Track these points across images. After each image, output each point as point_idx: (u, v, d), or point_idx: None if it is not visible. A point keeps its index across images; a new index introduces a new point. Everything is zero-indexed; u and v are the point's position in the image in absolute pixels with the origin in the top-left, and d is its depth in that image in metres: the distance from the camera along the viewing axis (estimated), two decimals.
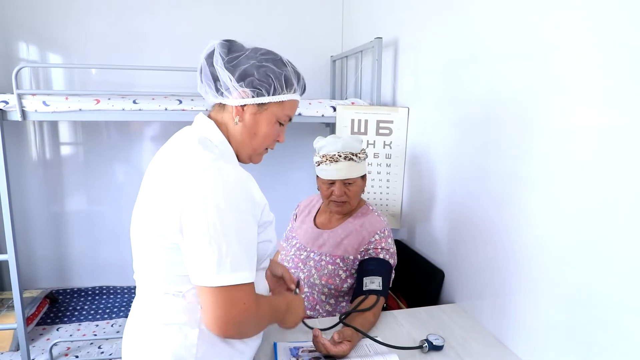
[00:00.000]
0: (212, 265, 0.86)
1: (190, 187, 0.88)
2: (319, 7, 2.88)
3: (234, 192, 0.89)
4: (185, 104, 1.97)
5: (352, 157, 1.55)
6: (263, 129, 1.03)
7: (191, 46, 2.70)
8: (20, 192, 2.67)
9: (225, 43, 1.02)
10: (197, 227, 0.86)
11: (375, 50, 2.12)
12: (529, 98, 1.24)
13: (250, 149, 1.06)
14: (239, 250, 0.88)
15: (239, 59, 0.99)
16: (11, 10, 2.48)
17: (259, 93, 0.99)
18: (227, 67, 0.98)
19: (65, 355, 2.14)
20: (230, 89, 0.99)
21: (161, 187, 0.94)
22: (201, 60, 1.03)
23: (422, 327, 1.43)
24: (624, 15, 0.94)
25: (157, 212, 0.92)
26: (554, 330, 1.16)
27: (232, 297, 0.88)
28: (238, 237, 0.88)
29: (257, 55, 1.00)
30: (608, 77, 0.98)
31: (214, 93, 1.02)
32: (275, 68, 0.99)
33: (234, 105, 1.00)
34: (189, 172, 0.90)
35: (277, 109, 1.03)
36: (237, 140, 1.04)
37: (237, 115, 1.01)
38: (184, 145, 0.99)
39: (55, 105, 1.85)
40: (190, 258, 0.89)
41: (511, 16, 1.32)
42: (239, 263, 0.88)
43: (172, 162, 0.96)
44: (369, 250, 1.54)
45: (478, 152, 1.51)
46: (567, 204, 1.11)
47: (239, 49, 1.02)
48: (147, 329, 0.98)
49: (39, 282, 2.80)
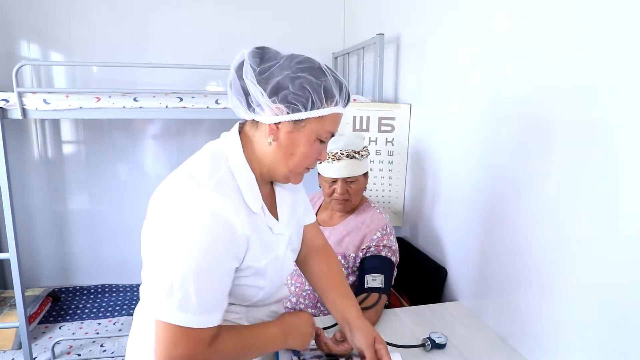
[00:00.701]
0: (161, 295, 0.78)
1: (167, 208, 0.83)
2: (320, 4, 2.87)
3: (209, 225, 0.79)
4: (186, 102, 1.97)
5: (355, 155, 1.54)
6: (301, 149, 0.90)
7: (192, 44, 2.72)
8: (22, 190, 2.67)
9: (257, 51, 0.88)
10: (160, 251, 0.81)
11: (377, 47, 2.10)
12: (533, 94, 1.23)
13: (287, 170, 0.93)
14: (193, 288, 0.79)
15: (272, 69, 0.86)
16: (12, 8, 2.47)
17: (294, 109, 0.85)
18: (259, 80, 0.85)
19: (68, 354, 2.14)
20: (262, 105, 0.86)
21: (151, 205, 0.89)
22: (231, 72, 0.90)
23: (424, 325, 1.42)
24: (628, 12, 0.93)
25: (144, 231, 0.89)
26: (558, 329, 1.15)
27: (175, 338, 0.79)
28: (198, 274, 0.79)
29: (291, 65, 0.86)
30: (611, 74, 0.97)
31: (245, 109, 0.89)
32: (313, 79, 0.86)
33: (267, 122, 0.88)
34: (174, 193, 0.84)
35: (316, 125, 0.89)
36: (270, 161, 0.92)
37: (271, 135, 0.88)
38: (194, 158, 0.92)
39: (56, 103, 1.84)
40: (147, 280, 0.85)
41: (515, 12, 1.30)
42: (189, 304, 0.79)
43: (173, 176, 0.89)
44: (371, 248, 1.53)
45: (481, 149, 1.50)
46: (570, 201, 1.09)
47: (272, 57, 0.88)
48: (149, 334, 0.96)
49: (42, 280, 2.81)
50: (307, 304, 1.61)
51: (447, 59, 1.71)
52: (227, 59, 2.19)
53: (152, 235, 0.85)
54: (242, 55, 0.89)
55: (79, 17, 2.55)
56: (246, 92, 0.88)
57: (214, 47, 2.71)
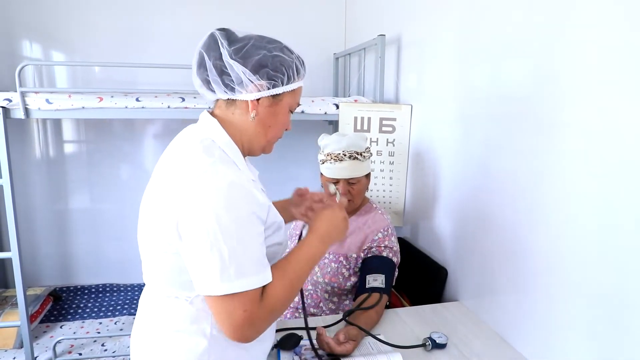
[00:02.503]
0: (215, 273, 0.82)
1: (187, 193, 0.84)
2: (321, 5, 2.87)
3: (232, 195, 0.84)
4: (188, 102, 1.97)
5: (357, 156, 1.54)
6: (279, 120, 0.99)
7: (194, 44, 2.72)
8: (24, 189, 2.68)
9: (224, 33, 0.94)
10: (197, 234, 0.83)
11: (379, 48, 2.11)
12: (534, 95, 1.23)
13: (264, 141, 1.01)
14: (243, 255, 0.84)
15: (246, 49, 0.91)
16: (15, 8, 2.48)
17: (274, 84, 0.94)
18: (236, 59, 0.90)
19: (69, 353, 2.14)
20: (245, 83, 0.91)
21: (161, 191, 0.91)
22: (199, 53, 0.94)
23: (425, 325, 1.43)
24: (632, 12, 0.93)
25: (158, 218, 0.90)
26: (558, 328, 1.15)
27: (233, 305, 0.84)
28: (240, 241, 0.84)
29: (264, 44, 0.93)
30: (616, 74, 0.97)
31: (221, 89, 0.93)
32: (286, 57, 0.94)
33: (249, 99, 0.93)
34: (185, 176, 0.86)
35: (289, 98, 0.99)
36: (250, 135, 0.98)
37: (254, 110, 0.94)
38: (185, 147, 0.94)
39: (58, 103, 1.85)
40: (192, 266, 0.86)
41: (515, 13, 1.31)
42: (244, 269, 0.84)
43: (172, 165, 0.92)
44: (372, 249, 1.54)
45: (482, 149, 1.50)
46: (571, 201, 1.10)
47: (240, 38, 0.94)
48: (157, 335, 0.95)
49: (43, 279, 2.82)
50: (310, 303, 1.62)
51: (448, 60, 1.71)
52: None
53: (178, 224, 0.85)
54: (209, 36, 0.94)
55: (81, 17, 2.56)
56: (221, 72, 0.92)
57: None
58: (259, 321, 0.88)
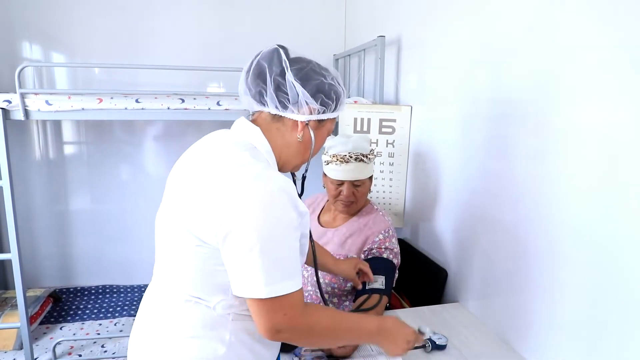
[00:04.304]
0: (261, 276, 0.83)
1: (237, 196, 0.84)
2: (321, 6, 2.87)
3: (282, 201, 0.86)
4: (188, 103, 1.97)
5: (363, 158, 1.54)
6: (318, 144, 1.03)
7: (194, 45, 2.73)
8: (24, 191, 2.68)
9: (285, 50, 0.97)
10: (245, 238, 0.83)
11: (378, 49, 2.11)
12: (534, 96, 1.23)
13: (300, 161, 1.04)
14: (287, 259, 0.87)
15: (305, 71, 0.95)
16: (15, 10, 2.48)
17: (324, 110, 0.98)
18: (297, 80, 0.93)
19: (69, 354, 2.14)
20: (300, 103, 0.95)
21: (203, 191, 0.89)
22: (258, 64, 0.96)
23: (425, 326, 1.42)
24: (634, 12, 0.93)
25: (197, 217, 0.88)
26: (558, 330, 1.15)
27: (274, 308, 0.86)
28: (285, 245, 0.87)
29: (321, 71, 0.98)
30: (618, 75, 0.97)
31: (274, 104, 0.95)
32: (338, 87, 1.00)
33: (299, 120, 0.97)
34: (234, 180, 0.86)
35: (330, 124, 1.04)
36: (290, 152, 1.01)
37: (302, 131, 0.98)
38: (228, 150, 0.94)
39: (58, 104, 1.85)
40: (236, 269, 0.86)
41: (515, 13, 1.31)
42: (287, 272, 0.86)
43: (217, 167, 0.91)
44: (373, 250, 1.54)
45: (482, 150, 1.50)
46: (571, 203, 1.10)
47: (296, 59, 0.98)
48: (171, 339, 0.93)
49: (43, 281, 2.81)
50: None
51: (448, 61, 1.71)
52: (228, 61, 2.21)
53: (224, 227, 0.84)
54: (272, 49, 0.96)
55: (81, 19, 2.56)
56: (277, 88, 0.94)
57: (216, 49, 2.72)
58: (297, 328, 0.90)
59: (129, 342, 1.04)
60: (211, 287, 0.91)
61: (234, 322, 0.93)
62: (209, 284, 0.91)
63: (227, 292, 0.91)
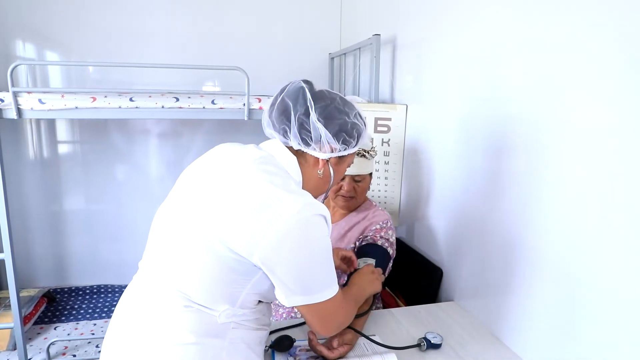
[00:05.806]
0: (317, 285, 0.93)
1: (289, 218, 0.86)
2: (317, 4, 2.86)
3: (327, 222, 0.93)
4: (182, 102, 1.96)
5: (364, 154, 1.56)
6: (337, 178, 1.07)
7: (188, 44, 2.72)
8: (17, 190, 2.66)
9: (309, 87, 1.00)
10: (301, 255, 0.89)
11: (374, 48, 2.11)
12: (529, 95, 1.23)
13: (316, 194, 1.06)
14: (332, 271, 0.96)
15: (329, 110, 0.98)
16: (8, 7, 2.46)
17: (346, 148, 1.02)
18: (320, 120, 0.97)
19: (63, 355, 2.13)
20: (322, 143, 0.99)
21: (246, 207, 0.88)
22: (283, 101, 0.99)
23: (420, 325, 1.43)
24: (632, 12, 0.93)
25: (235, 231, 0.87)
26: (552, 328, 1.16)
27: (325, 308, 0.96)
28: (330, 262, 0.95)
29: (345, 109, 1.01)
30: (615, 76, 0.97)
31: (297, 141, 0.99)
32: (360, 125, 1.03)
33: (321, 158, 1.01)
34: (285, 202, 0.87)
35: (350, 157, 1.08)
36: (311, 185, 1.04)
37: (323, 168, 1.02)
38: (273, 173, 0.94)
39: (51, 103, 1.83)
40: (288, 282, 0.90)
41: (510, 13, 1.31)
42: (333, 279, 0.96)
43: (263, 188, 0.90)
44: (367, 237, 1.55)
45: (477, 149, 1.50)
46: (564, 203, 1.10)
47: (320, 95, 1.00)
48: (168, 345, 0.89)
49: (37, 281, 2.79)
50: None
51: (444, 60, 1.71)
52: (223, 59, 2.19)
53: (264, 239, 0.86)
54: (299, 89, 0.99)
55: (75, 17, 2.54)
56: (301, 126, 0.97)
57: (211, 47, 2.70)
58: (343, 317, 1.06)
59: (104, 343, 1.00)
60: (219, 297, 0.90)
61: (234, 330, 0.93)
62: (219, 293, 0.90)
63: (235, 303, 0.91)
